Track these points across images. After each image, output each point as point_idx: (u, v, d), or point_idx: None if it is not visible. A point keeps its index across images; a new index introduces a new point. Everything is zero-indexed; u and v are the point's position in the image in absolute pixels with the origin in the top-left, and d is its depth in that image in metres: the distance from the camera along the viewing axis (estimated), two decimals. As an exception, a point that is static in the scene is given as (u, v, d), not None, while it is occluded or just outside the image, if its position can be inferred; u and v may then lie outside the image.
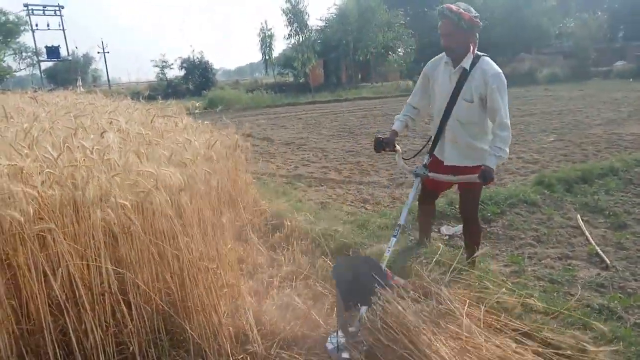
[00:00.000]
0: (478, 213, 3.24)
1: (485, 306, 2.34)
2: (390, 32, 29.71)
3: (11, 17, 34.74)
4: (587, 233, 4.00)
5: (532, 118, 11.65)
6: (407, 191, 5.38)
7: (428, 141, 3.26)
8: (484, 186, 3.25)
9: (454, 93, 2.90)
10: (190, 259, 2.23)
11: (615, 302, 2.88)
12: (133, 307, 2.14)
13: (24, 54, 37.92)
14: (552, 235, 4.04)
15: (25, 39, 36.96)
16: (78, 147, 2.41)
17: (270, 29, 28.41)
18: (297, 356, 2.15)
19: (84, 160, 2.26)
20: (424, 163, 3.15)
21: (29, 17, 34.44)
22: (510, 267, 3.48)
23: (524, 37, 30.30)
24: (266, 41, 28.46)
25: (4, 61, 35.37)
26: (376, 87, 27.05)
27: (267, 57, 29.09)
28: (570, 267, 3.44)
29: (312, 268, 3.20)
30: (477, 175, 2.71)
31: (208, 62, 31.05)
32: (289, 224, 3.95)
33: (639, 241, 3.84)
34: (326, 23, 31.53)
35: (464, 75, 2.84)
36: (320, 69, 30.13)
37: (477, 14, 2.76)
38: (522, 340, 2.15)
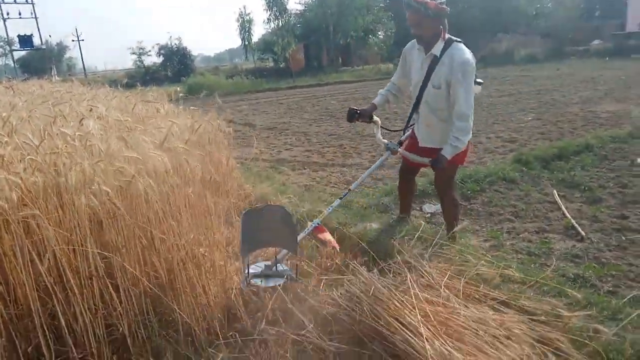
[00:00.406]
0: (454, 189, 3.33)
1: (465, 278, 2.42)
2: (370, 15, 29.56)
3: (-19, 7, 33.49)
4: (563, 207, 4.13)
5: (510, 98, 11.80)
6: (388, 172, 5.46)
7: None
8: (460, 165, 3.32)
9: (425, 79, 2.95)
10: (178, 244, 2.26)
11: (590, 271, 3.00)
12: (121, 290, 2.17)
13: (-5, 44, 36.84)
14: (530, 211, 4.16)
15: (-3, 29, 35.62)
16: (58, 134, 2.40)
17: (249, 13, 28.00)
18: (283, 331, 2.21)
19: (66, 147, 2.25)
20: (399, 140, 3.25)
21: (0, 6, 33.32)
22: (489, 242, 3.58)
23: (501, 19, 30.40)
24: (245, 26, 28.01)
25: (-24, 52, 34.27)
26: (357, 71, 26.97)
27: (246, 43, 28.64)
28: (546, 240, 3.56)
29: (298, 247, 3.25)
30: (430, 159, 2.81)
31: (186, 48, 30.58)
32: (274, 206, 3.99)
33: (613, 214, 3.97)
34: (306, 7, 31.19)
35: (435, 62, 2.88)
36: (301, 53, 29.84)
37: (443, 0, 2.76)
38: (500, 309, 2.24)
